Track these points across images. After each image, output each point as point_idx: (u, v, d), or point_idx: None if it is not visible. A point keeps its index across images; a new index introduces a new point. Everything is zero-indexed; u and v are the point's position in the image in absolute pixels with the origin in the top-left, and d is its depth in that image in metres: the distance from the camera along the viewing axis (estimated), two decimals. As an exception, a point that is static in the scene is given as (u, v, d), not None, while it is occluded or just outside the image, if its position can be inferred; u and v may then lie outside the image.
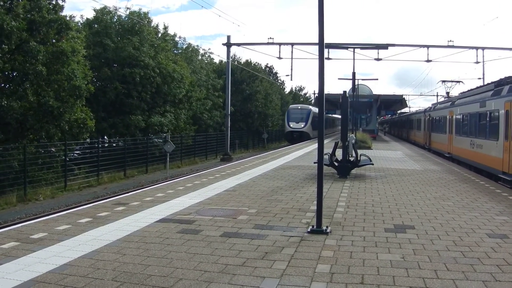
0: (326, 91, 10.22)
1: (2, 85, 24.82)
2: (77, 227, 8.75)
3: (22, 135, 25.37)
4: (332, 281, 6.03)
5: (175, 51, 50.60)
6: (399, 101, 57.10)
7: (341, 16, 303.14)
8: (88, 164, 28.56)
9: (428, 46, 41.03)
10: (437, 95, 73.35)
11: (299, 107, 62.14)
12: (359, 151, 19.37)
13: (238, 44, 45.55)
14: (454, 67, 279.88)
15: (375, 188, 14.56)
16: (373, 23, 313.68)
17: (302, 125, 56.98)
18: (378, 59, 41.11)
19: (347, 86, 64.45)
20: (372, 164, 18.58)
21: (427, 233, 8.58)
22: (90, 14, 53.19)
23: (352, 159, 18.22)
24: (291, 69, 51.90)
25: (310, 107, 61.26)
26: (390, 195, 13.09)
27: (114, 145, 36.73)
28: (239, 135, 58.78)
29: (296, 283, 5.94)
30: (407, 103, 71.73)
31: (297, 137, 54.63)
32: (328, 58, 41.47)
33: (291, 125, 57.34)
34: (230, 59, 46.12)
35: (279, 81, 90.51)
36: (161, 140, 35.26)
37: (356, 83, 33.74)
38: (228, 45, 44.16)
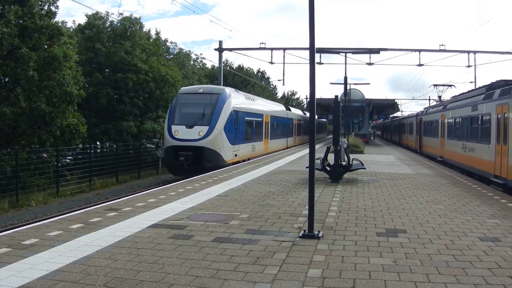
0: (318, 96, 10.32)
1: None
2: (68, 233, 8.72)
3: (14, 141, 25.31)
4: (324, 286, 6.03)
5: (167, 56, 50.57)
6: (391, 105, 56.94)
7: (333, 21, 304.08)
8: (80, 170, 28.49)
9: (420, 50, 41.14)
10: (429, 99, 73.64)
11: (200, 90, 28.90)
12: (351, 156, 19.41)
13: (230, 49, 45.55)
14: (446, 71, 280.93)
15: (367, 192, 14.58)
16: (365, 28, 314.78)
17: (202, 133, 25.85)
18: (370, 64, 41.20)
19: (339, 91, 63.55)
20: (364, 169, 18.63)
21: (419, 237, 8.61)
22: (82, 20, 53.34)
23: (344, 163, 18.24)
24: (283, 74, 51.28)
25: (227, 90, 29.30)
26: (382, 199, 13.11)
27: (107, 151, 36.65)
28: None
29: (287, 288, 5.95)
30: (399, 107, 72.03)
31: (187, 161, 25.18)
32: (320, 63, 41.58)
33: (176, 134, 26.14)
34: (222, 64, 46.09)
35: (271, 86, 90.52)
36: (153, 146, 35.22)
37: (348, 87, 33.79)
38: (220, 50, 44.15)
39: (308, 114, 57.72)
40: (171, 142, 26.27)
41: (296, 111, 56.11)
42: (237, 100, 29.76)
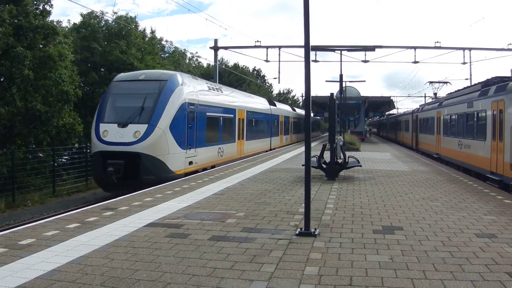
0: (313, 94, 10.31)
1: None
2: (65, 233, 8.70)
3: (10, 141, 25.23)
4: (321, 283, 6.04)
5: (162, 55, 50.49)
6: (387, 102, 56.77)
7: (328, 18, 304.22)
8: (76, 169, 28.40)
9: (415, 48, 41.14)
10: (425, 96, 73.51)
11: (142, 77, 20.82)
12: (347, 153, 19.42)
13: (226, 48, 45.42)
14: (442, 68, 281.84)
15: (363, 189, 14.59)
16: (360, 25, 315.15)
17: (138, 134, 18.28)
18: (365, 61, 41.18)
19: (335, 88, 62.77)
20: (360, 166, 18.63)
21: (416, 234, 8.62)
22: (78, 19, 53.18)
23: (340, 161, 18.24)
24: (279, 72, 50.43)
25: (178, 76, 21.19)
26: (378, 197, 13.13)
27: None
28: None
29: (284, 286, 5.95)
30: (395, 104, 71.99)
31: (117, 173, 17.72)
32: (316, 61, 41.56)
33: (105, 135, 18.60)
34: (218, 63, 45.91)
35: (267, 84, 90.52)
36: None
37: (344, 85, 33.78)
38: (216, 48, 43.99)
39: (298, 111, 57.48)
40: (98, 146, 18.84)
41: (283, 107, 51.23)
42: (194, 89, 21.86)
